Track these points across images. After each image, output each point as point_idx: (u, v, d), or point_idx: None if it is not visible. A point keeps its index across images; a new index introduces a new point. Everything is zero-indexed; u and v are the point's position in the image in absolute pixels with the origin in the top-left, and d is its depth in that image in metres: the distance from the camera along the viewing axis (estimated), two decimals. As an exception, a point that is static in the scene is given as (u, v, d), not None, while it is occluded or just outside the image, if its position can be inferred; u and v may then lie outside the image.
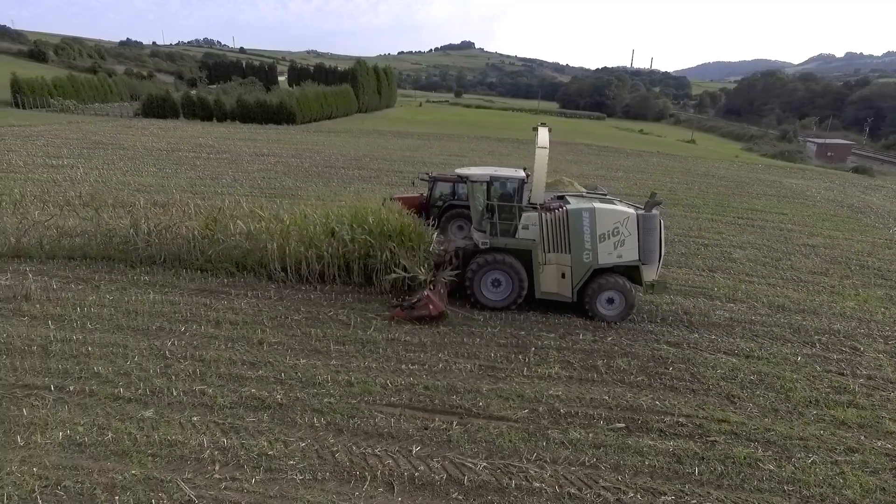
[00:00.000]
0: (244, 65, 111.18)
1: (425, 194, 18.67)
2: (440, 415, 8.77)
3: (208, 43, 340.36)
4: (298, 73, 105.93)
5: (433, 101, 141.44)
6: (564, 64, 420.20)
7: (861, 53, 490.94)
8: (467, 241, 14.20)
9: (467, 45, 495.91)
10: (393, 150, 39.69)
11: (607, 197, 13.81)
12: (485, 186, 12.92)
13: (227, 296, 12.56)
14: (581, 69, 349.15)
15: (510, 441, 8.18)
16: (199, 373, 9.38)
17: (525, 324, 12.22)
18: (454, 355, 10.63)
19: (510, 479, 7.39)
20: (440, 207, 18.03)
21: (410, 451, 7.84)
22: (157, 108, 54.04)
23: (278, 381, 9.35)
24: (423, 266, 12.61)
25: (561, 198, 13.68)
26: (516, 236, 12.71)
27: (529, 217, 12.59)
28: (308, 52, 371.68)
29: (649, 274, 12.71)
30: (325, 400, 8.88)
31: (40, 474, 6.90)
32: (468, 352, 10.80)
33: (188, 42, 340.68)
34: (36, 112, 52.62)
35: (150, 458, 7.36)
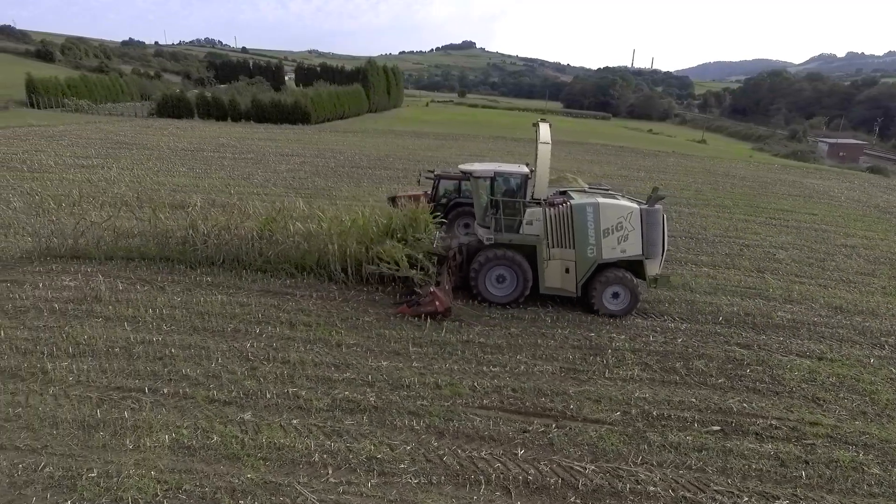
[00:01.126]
0: (251, 65, 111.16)
1: (429, 192, 18.46)
2: (535, 417, 8.74)
3: (210, 43, 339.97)
4: (306, 73, 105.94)
5: (438, 101, 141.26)
6: (565, 64, 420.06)
7: (862, 53, 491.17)
8: (471, 236, 14.10)
9: (468, 45, 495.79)
10: (413, 150, 39.65)
11: (610, 192, 13.80)
12: (488, 182, 12.86)
13: (292, 297, 12.52)
14: (582, 69, 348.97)
15: (611, 444, 8.14)
16: (287, 375, 9.34)
17: (593, 325, 12.18)
18: (532, 357, 10.60)
19: (621, 482, 7.35)
20: (444, 205, 17.88)
21: (516, 454, 7.81)
22: (172, 108, 53.98)
23: (366, 383, 9.31)
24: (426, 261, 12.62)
25: (563, 193, 13.70)
26: (520, 232, 12.69)
27: (533, 212, 12.57)
28: (310, 51, 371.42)
29: (653, 268, 12.78)
30: (418, 402, 8.84)
31: (158, 478, 6.86)
32: (545, 354, 10.76)
33: (189, 42, 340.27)
34: (51, 112, 52.56)
35: (261, 461, 7.32)
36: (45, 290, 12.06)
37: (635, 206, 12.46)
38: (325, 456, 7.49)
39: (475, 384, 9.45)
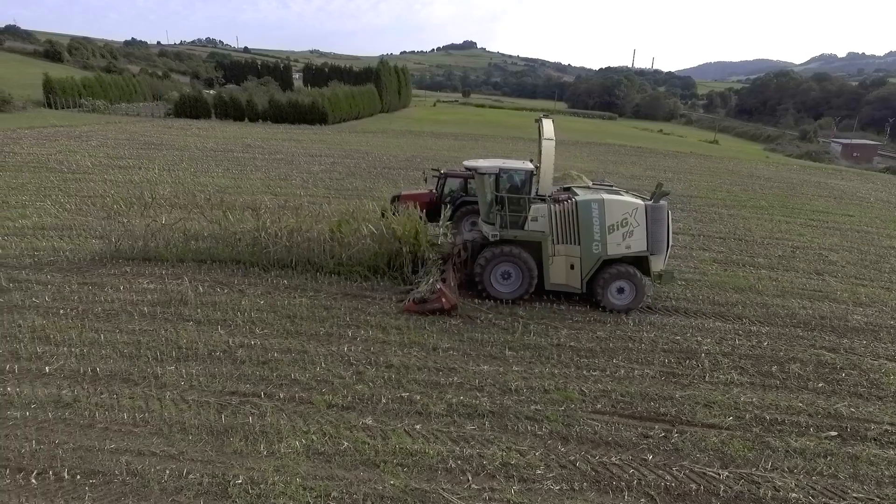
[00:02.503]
0: (259, 65, 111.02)
1: (434, 190, 18.32)
2: (650, 422, 8.70)
3: (211, 43, 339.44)
4: (314, 74, 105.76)
5: (444, 101, 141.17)
6: (566, 64, 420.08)
7: (863, 53, 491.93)
8: (476, 233, 14.09)
9: (469, 45, 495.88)
10: (438, 151, 39.60)
11: (614, 188, 13.76)
12: (493, 179, 12.81)
13: (372, 300, 12.47)
14: (583, 69, 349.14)
15: (736, 449, 8.09)
16: (395, 380, 9.30)
17: (676, 328, 12.16)
18: (627, 360, 10.56)
19: (760, 489, 7.31)
20: (450, 204, 17.77)
21: (645, 459, 7.77)
22: (190, 108, 53.86)
23: (475, 387, 9.27)
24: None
25: (568, 189, 13.67)
26: (526, 228, 12.66)
27: (538, 209, 12.53)
28: (311, 51, 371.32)
29: (657, 264, 12.78)
30: (532, 407, 8.80)
31: (304, 485, 6.81)
32: (639, 357, 10.72)
33: (191, 42, 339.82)
34: (69, 112, 52.45)
35: (399, 468, 7.27)
36: (126, 292, 12.01)
37: (640, 202, 12.46)
38: (459, 462, 7.44)
39: (583, 389, 9.41)
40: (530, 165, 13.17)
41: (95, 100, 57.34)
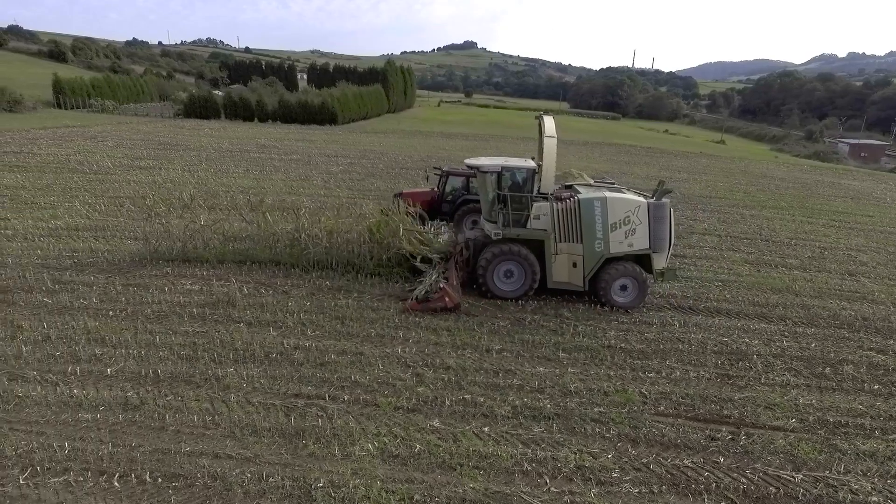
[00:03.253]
0: (263, 65, 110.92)
1: (436, 189, 18.27)
2: (714, 424, 8.67)
3: (212, 43, 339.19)
4: (318, 74, 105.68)
5: (447, 102, 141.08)
6: (567, 64, 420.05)
7: (864, 53, 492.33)
8: (478, 232, 14.06)
9: (470, 45, 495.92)
10: (451, 151, 39.51)
11: (615, 186, 13.73)
12: (495, 177, 12.76)
13: (416, 301, 12.41)
14: (583, 69, 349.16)
15: (806, 452, 8.06)
16: (455, 381, 9.27)
17: (723, 329, 12.13)
18: (680, 362, 10.54)
19: (839, 492, 7.28)
20: (452, 202, 17.75)
21: (717, 462, 7.74)
22: (200, 109, 53.81)
23: (535, 389, 9.24)
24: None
25: (570, 187, 13.64)
26: (528, 226, 12.64)
27: (541, 207, 12.52)
28: (312, 51, 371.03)
29: (659, 262, 12.78)
30: (595, 409, 8.77)
31: (385, 488, 6.78)
32: (690, 359, 10.69)
33: (192, 42, 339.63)
34: (79, 112, 52.37)
35: (475, 470, 7.24)
36: (171, 294, 11.97)
37: (642, 200, 12.45)
38: (534, 465, 7.42)
39: (642, 391, 9.38)
40: (532, 163, 13.10)
41: (104, 100, 57.21)
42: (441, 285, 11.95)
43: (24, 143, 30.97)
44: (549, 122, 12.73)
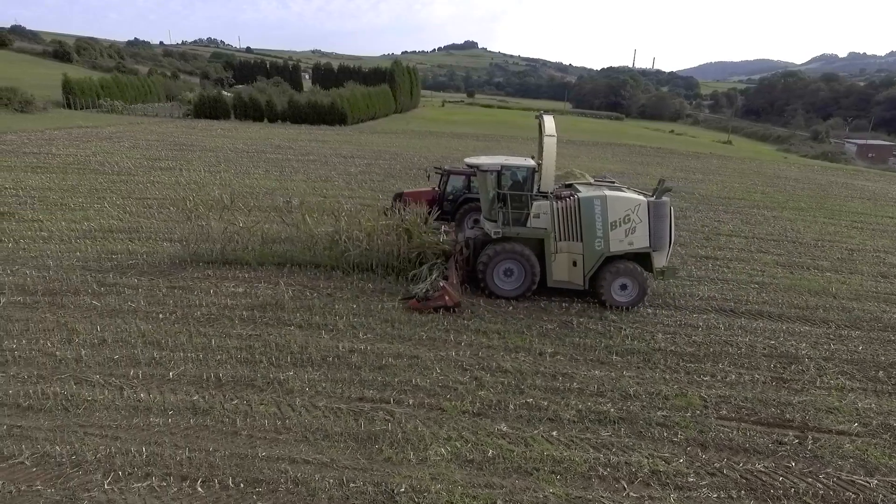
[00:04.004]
0: (268, 65, 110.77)
1: (437, 188, 18.24)
2: (778, 428, 8.66)
3: (213, 42, 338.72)
4: (323, 74, 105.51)
5: (450, 102, 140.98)
6: (567, 63, 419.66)
7: (864, 53, 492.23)
8: (478, 230, 14.04)
9: (470, 45, 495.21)
10: (464, 152, 39.28)
11: (615, 185, 13.73)
12: (495, 176, 12.75)
13: (462, 303, 12.38)
14: (583, 69, 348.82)
15: (876, 457, 8.05)
16: (514, 385, 9.26)
17: (768, 332, 12.12)
18: (731, 365, 10.53)
19: (915, 496, 7.26)
20: (453, 201, 17.72)
21: (789, 467, 7.73)
22: (209, 109, 53.75)
23: (595, 393, 9.23)
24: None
25: (569, 186, 13.63)
26: (528, 225, 12.63)
27: (541, 206, 12.51)
28: (313, 51, 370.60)
29: (660, 260, 12.77)
30: (658, 413, 8.76)
31: (467, 493, 6.77)
32: (742, 362, 10.68)
33: (193, 41, 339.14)
34: (89, 113, 52.30)
35: (551, 475, 7.23)
36: (217, 296, 11.96)
37: (642, 198, 12.43)
38: (609, 469, 7.40)
39: (701, 394, 9.37)
40: (532, 162, 13.08)
41: (113, 100, 57.15)
42: (441, 284, 11.95)
43: (41, 143, 30.93)
44: (548, 121, 12.74)
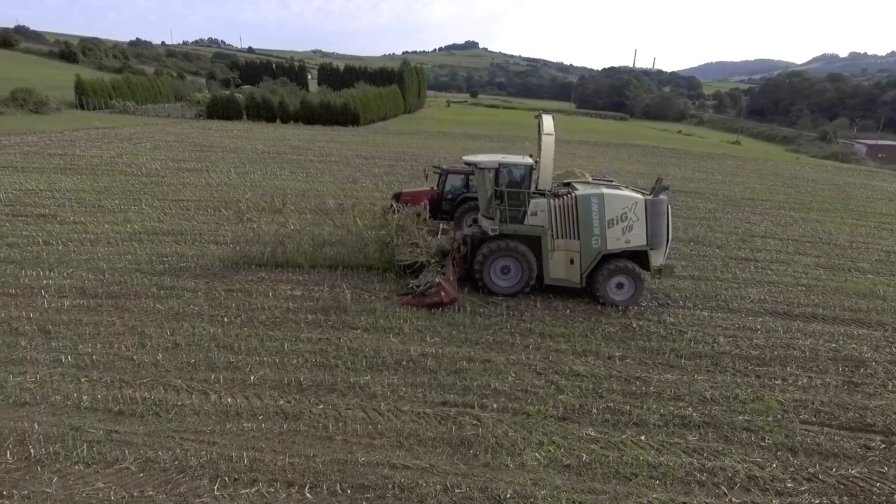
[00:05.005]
0: (274, 66, 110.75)
1: (436, 188, 18.25)
2: (863, 433, 8.65)
3: (215, 43, 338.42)
4: (329, 74, 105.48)
5: (455, 102, 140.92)
6: (568, 63, 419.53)
7: (865, 53, 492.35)
8: (475, 228, 14.05)
9: (471, 45, 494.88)
10: (483, 153, 39.44)
11: (613, 183, 13.75)
12: (493, 173, 12.76)
13: (516, 307, 12.36)
14: (585, 69, 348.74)
15: (965, 461, 8.03)
16: (591, 389, 9.25)
17: (825, 335, 12.12)
18: (801, 369, 10.52)
19: None
20: (452, 200, 17.70)
21: (883, 472, 7.72)
22: (222, 110, 53.71)
23: (672, 397, 9.22)
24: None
25: (567, 184, 13.65)
26: (525, 223, 12.65)
27: (538, 203, 12.53)
28: (314, 51, 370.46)
29: (657, 259, 12.77)
30: (740, 417, 8.75)
31: (571, 498, 6.75)
32: (808, 366, 10.68)
33: (194, 42, 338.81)
34: (101, 113, 52.26)
35: (651, 480, 7.22)
36: (277, 299, 11.94)
37: (640, 196, 12.43)
38: (706, 475, 7.39)
39: (777, 398, 9.35)
40: (530, 160, 13.09)
41: (125, 101, 57.10)
42: (437, 280, 11.95)
43: (63, 144, 30.90)
44: (547, 121, 12.77)
